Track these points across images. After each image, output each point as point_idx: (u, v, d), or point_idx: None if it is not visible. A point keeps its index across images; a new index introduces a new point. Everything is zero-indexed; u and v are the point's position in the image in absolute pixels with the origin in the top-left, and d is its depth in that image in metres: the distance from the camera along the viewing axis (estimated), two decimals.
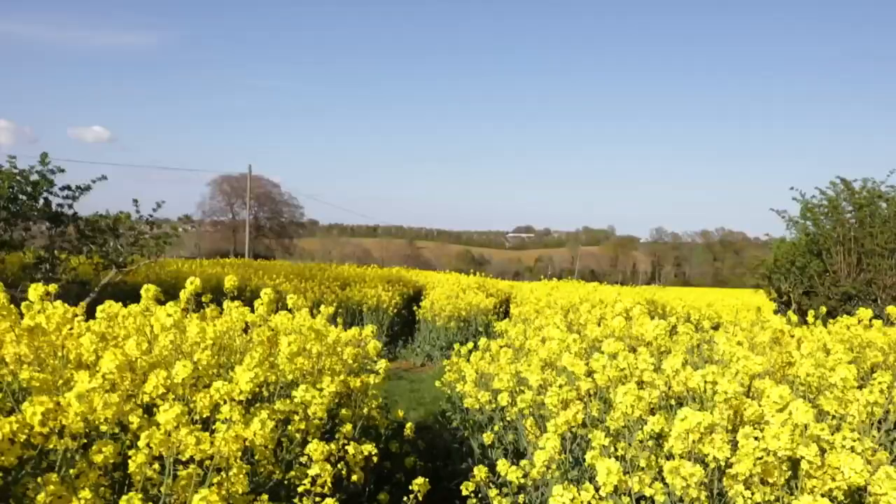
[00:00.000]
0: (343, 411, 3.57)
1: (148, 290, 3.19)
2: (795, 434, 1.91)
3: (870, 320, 6.17)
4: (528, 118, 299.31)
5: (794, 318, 6.88)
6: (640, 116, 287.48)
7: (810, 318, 7.34)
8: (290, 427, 2.82)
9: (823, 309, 8.20)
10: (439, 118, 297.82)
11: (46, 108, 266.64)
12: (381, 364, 4.15)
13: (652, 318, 5.36)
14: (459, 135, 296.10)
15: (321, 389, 2.90)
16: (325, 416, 2.84)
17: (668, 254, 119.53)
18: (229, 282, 3.60)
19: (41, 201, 9.44)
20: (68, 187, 9.77)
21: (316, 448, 2.51)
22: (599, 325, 4.37)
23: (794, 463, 2.08)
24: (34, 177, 9.23)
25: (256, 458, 2.48)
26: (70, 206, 9.83)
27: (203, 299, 3.89)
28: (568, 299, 12.85)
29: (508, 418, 4.44)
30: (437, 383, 6.92)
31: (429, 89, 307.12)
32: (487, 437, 4.20)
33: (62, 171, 9.53)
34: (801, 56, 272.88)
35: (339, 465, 2.80)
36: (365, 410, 3.85)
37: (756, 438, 1.87)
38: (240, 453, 1.95)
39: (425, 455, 5.86)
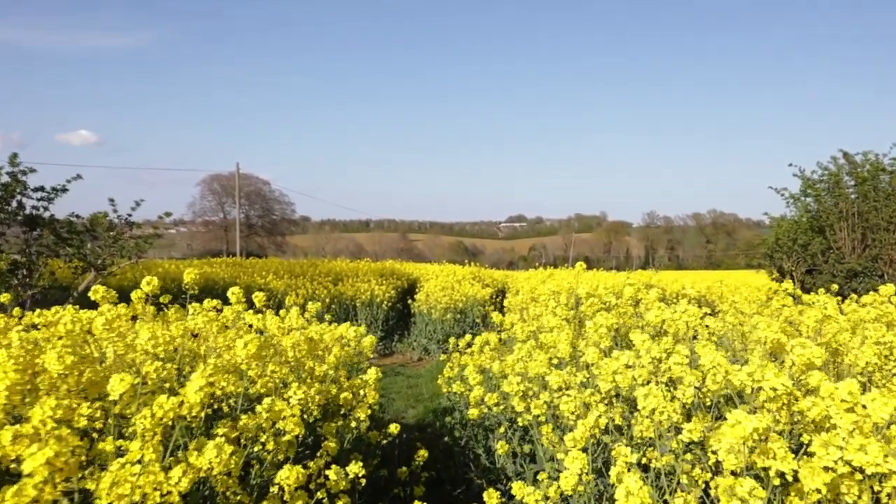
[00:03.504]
0: (326, 425, 3.15)
1: (97, 292, 2.77)
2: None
3: (890, 297, 5.82)
4: (518, 108, 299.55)
5: (807, 297, 6.53)
6: (629, 102, 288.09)
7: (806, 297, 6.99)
8: (255, 447, 2.38)
9: (835, 287, 7.87)
10: (429, 111, 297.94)
11: (33, 113, 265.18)
12: (371, 375, 3.69)
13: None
14: (449, 127, 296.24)
15: (288, 399, 2.46)
16: (301, 430, 2.42)
17: (661, 238, 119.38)
18: (188, 276, 3.15)
19: (14, 203, 9.00)
20: (42, 188, 9.32)
21: (288, 476, 2.09)
22: (609, 311, 3.96)
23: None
24: (4, 178, 8.79)
25: (218, 488, 2.08)
26: (46, 209, 9.39)
27: (162, 300, 3.48)
28: (561, 286, 12.47)
29: (519, 422, 4.07)
30: (439, 380, 6.55)
31: (418, 83, 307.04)
32: (502, 448, 3.81)
33: (34, 171, 9.09)
34: (790, 37, 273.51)
35: (318, 494, 2.38)
36: (353, 424, 3.43)
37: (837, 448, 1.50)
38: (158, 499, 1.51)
39: (426, 458, 5.49)
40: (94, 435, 1.92)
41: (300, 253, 68.43)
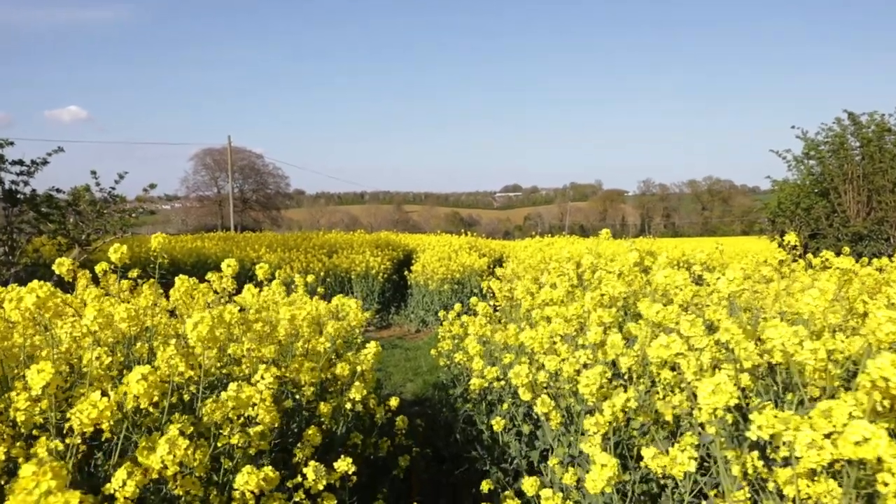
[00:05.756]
0: (322, 406, 2.86)
1: (62, 265, 2.49)
2: None
3: None
4: (511, 77, 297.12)
5: (817, 261, 6.29)
6: (623, 69, 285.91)
7: (831, 261, 6.74)
8: (220, 441, 2.06)
9: (847, 250, 7.63)
10: (422, 81, 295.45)
11: (21, 90, 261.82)
12: (370, 350, 3.38)
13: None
14: (443, 97, 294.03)
15: (257, 384, 2.13)
16: (276, 419, 2.12)
17: (657, 205, 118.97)
18: (155, 241, 2.83)
19: None
20: (21, 162, 8.94)
21: (247, 480, 1.78)
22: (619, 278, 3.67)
23: None
24: None
25: (176, 491, 1.79)
26: (26, 184, 9.02)
27: (130, 274, 3.20)
28: (563, 254, 12.16)
29: (521, 396, 3.81)
30: (433, 352, 6.30)
31: (410, 54, 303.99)
32: (498, 424, 3.56)
33: (11, 143, 8.71)
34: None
35: (297, 496, 2.06)
36: (348, 406, 3.15)
37: None
38: None
39: (425, 434, 5.25)
40: (35, 433, 1.64)
41: (295, 226, 68.04)
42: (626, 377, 2.65)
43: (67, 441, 1.61)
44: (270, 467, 1.85)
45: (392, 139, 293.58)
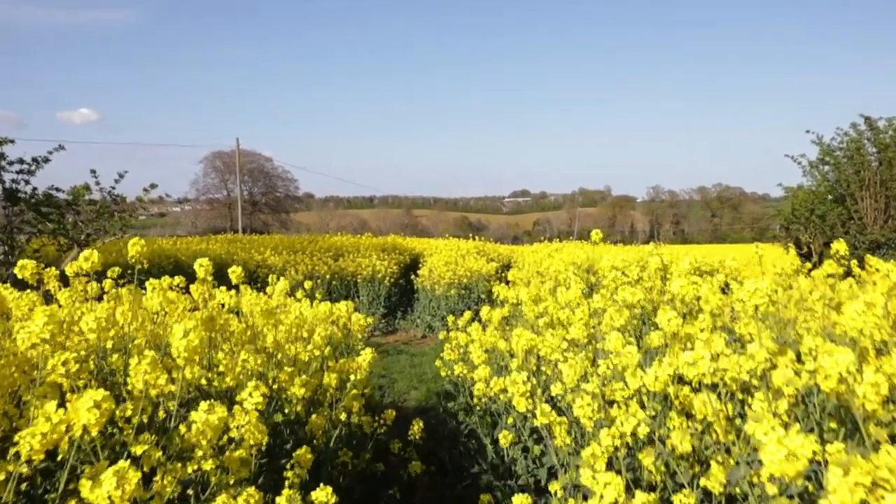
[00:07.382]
0: (314, 418, 2.66)
1: (24, 269, 2.30)
2: None
3: None
4: (511, 77, 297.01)
5: (840, 270, 6.08)
6: (623, 69, 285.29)
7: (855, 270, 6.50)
8: (188, 467, 1.78)
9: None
10: (422, 81, 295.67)
11: (32, 91, 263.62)
12: (366, 356, 3.17)
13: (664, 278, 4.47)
14: (443, 97, 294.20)
15: (241, 403, 1.92)
16: (265, 438, 1.92)
17: (666, 212, 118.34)
18: (133, 249, 2.59)
19: None
20: (21, 161, 8.78)
21: None
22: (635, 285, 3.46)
23: None
24: None
25: None
26: (27, 182, 8.86)
27: (110, 273, 3.02)
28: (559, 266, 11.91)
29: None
30: (438, 363, 6.09)
31: (410, 54, 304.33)
32: (505, 438, 3.35)
33: (11, 141, 8.56)
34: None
35: None
36: (343, 416, 2.94)
37: None
38: None
39: (427, 446, 5.04)
40: None
41: (304, 229, 67.94)
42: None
43: (10, 468, 1.42)
44: (254, 487, 1.64)
45: (393, 138, 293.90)
